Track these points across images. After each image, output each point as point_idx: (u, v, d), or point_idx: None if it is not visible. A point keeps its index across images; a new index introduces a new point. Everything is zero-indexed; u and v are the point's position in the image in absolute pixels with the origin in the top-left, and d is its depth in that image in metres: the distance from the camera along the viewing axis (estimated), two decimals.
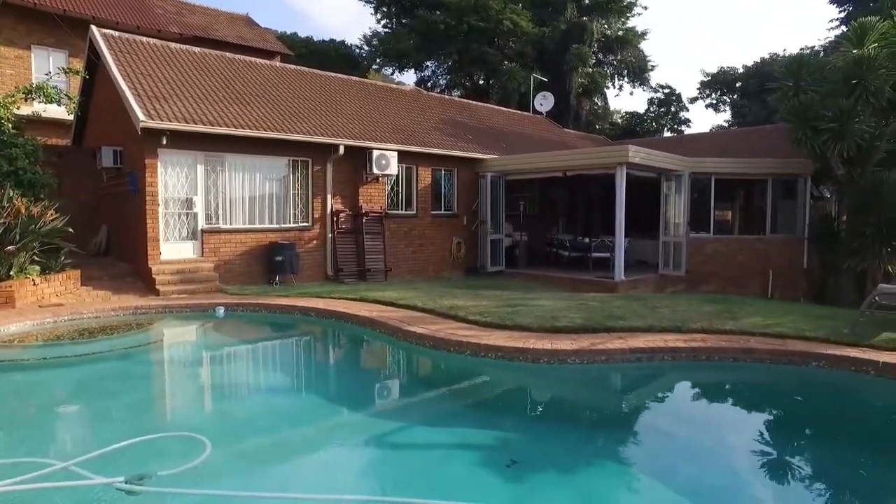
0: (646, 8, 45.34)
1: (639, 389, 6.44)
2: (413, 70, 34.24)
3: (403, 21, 32.90)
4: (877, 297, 7.22)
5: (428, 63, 33.72)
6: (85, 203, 14.06)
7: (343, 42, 35.34)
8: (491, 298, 9.57)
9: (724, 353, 6.49)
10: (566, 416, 5.63)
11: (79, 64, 13.99)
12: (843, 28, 25.96)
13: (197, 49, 13.97)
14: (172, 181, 11.00)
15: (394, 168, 13.19)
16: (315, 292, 10.44)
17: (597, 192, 18.46)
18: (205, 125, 10.78)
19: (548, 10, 31.69)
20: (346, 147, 12.68)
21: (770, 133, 18.62)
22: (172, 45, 13.52)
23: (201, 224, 11.31)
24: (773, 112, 18.99)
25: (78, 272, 10.20)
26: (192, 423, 5.09)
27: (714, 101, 38.37)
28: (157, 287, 10.21)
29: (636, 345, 6.49)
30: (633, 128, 36.88)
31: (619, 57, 34.64)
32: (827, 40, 30.56)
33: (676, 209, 14.44)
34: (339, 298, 9.78)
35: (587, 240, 15.73)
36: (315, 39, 35.07)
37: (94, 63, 12.66)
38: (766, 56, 34.18)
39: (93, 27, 12.34)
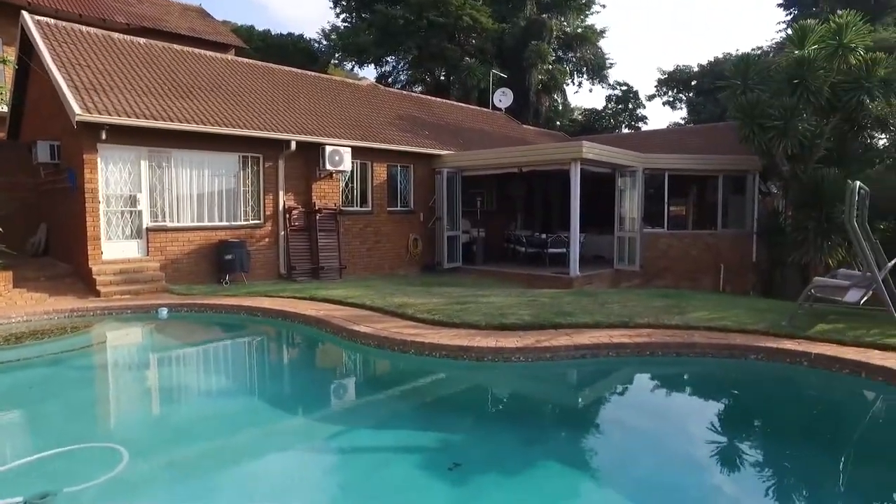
0: (604, 6, 45.97)
1: (583, 386, 6.48)
2: (373, 65, 33.91)
3: (363, 15, 32.49)
4: (812, 290, 7.43)
5: (388, 58, 33.40)
6: (23, 201, 13.40)
7: (302, 36, 34.72)
8: (443, 296, 9.50)
9: (668, 347, 6.56)
10: (510, 416, 5.60)
11: (14, 53, 13.27)
12: (790, 30, 26.80)
13: (142, 40, 13.41)
14: (114, 177, 10.56)
15: (348, 164, 12.98)
16: (265, 291, 10.20)
17: (554, 188, 18.58)
18: (147, 119, 10.37)
19: (507, 7, 31.77)
20: (299, 142, 12.40)
21: (722, 130, 19.02)
22: (115, 35, 12.94)
23: (146, 222, 10.90)
24: (726, 110, 19.44)
25: (10, 273, 9.65)
26: (119, 432, 4.85)
27: (671, 99, 39.19)
28: (99, 288, 9.80)
29: (581, 341, 6.50)
30: (592, 124, 37.36)
31: (578, 54, 35.01)
32: (774, 41, 31.60)
33: (631, 204, 14.63)
34: (288, 297, 9.56)
35: (544, 236, 15.82)
36: (273, 33, 34.33)
37: (29, 52, 12.02)
38: (720, 55, 35.08)
39: (24, 13, 11.69)
